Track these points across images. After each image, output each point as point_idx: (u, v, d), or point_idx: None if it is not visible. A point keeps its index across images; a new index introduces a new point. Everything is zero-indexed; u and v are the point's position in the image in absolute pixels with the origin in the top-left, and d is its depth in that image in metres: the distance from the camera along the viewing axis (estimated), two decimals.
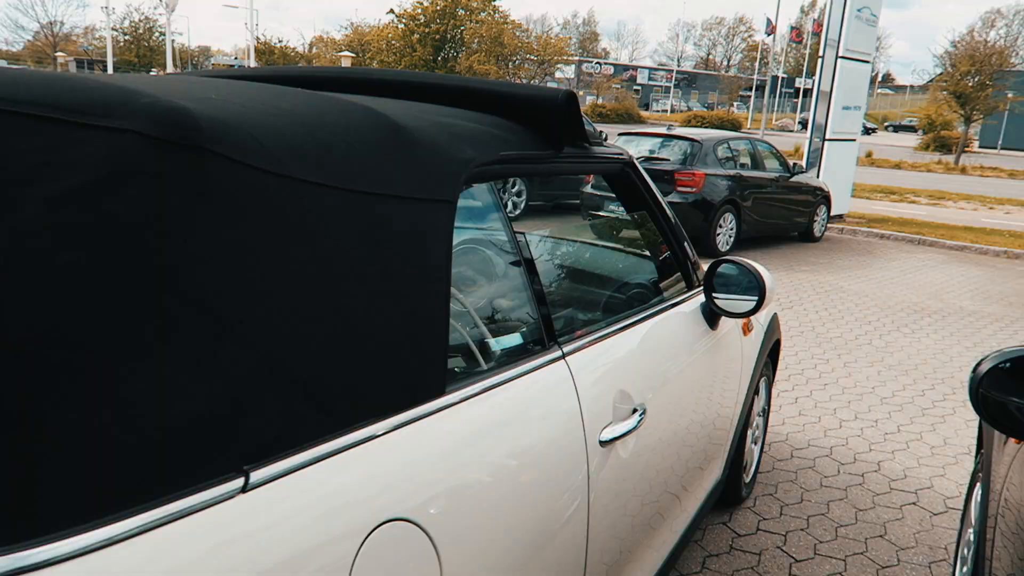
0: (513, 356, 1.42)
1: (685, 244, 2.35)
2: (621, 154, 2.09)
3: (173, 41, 49.63)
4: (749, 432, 3.02)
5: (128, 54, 49.13)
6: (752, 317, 2.61)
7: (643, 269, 2.41)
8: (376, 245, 1.11)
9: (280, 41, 54.89)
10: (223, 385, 0.86)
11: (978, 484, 2.33)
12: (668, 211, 2.30)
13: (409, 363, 1.13)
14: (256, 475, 0.88)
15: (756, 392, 2.99)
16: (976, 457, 2.55)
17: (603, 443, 1.51)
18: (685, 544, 2.28)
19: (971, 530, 2.31)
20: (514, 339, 1.45)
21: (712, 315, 2.30)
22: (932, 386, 4.85)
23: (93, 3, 33.84)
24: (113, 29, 48.31)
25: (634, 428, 1.61)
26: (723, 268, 2.26)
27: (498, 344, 1.43)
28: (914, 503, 3.24)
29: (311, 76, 1.88)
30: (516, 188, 10.51)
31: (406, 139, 1.26)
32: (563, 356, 1.51)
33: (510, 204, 10.69)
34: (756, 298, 2.18)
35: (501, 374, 1.33)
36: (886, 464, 3.62)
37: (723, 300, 2.22)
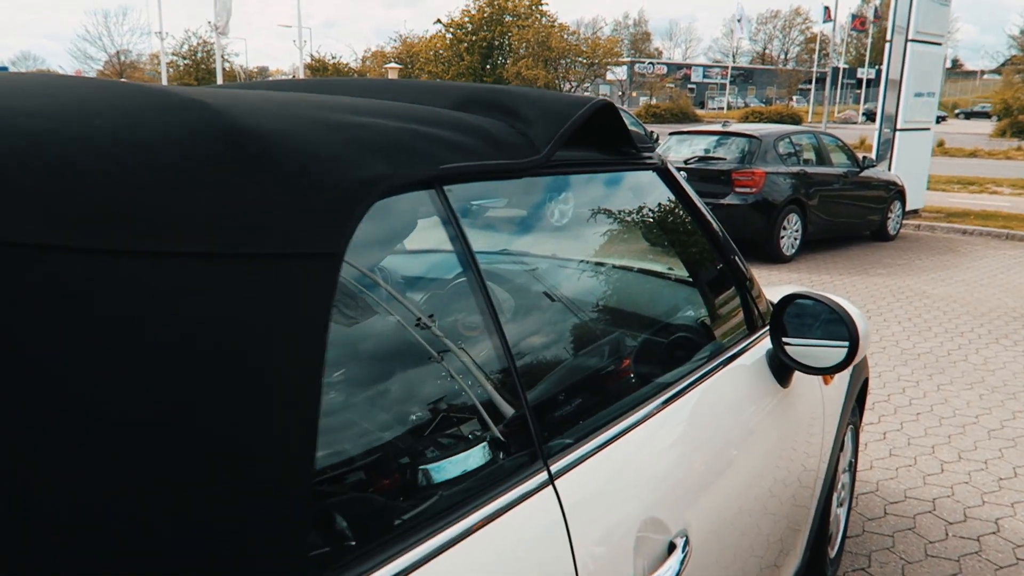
0: (453, 497, 0.87)
1: (742, 272, 1.77)
2: (650, 157, 1.54)
3: (231, 64, 50.76)
4: (834, 496, 2.40)
5: (188, 77, 50.39)
6: None
7: (682, 310, 1.82)
8: (157, 351, 0.59)
9: (333, 57, 55.62)
10: None
11: None
12: (719, 230, 1.73)
13: (223, 553, 0.61)
14: None
15: (841, 447, 2.37)
16: None
17: None
18: None
19: None
20: (458, 463, 0.90)
21: (782, 367, 1.71)
22: None
23: (163, 32, 34.63)
24: (172, 54, 49.66)
25: None
26: (796, 305, 1.67)
27: (427, 477, 0.88)
28: None
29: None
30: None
31: (252, 152, 0.74)
32: (550, 479, 0.96)
33: (556, 212, 10.03)
34: (846, 347, 1.59)
35: (424, 542, 0.78)
36: (1007, 523, 2.93)
37: (798, 349, 1.64)
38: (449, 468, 0.91)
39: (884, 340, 5.43)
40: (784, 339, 1.66)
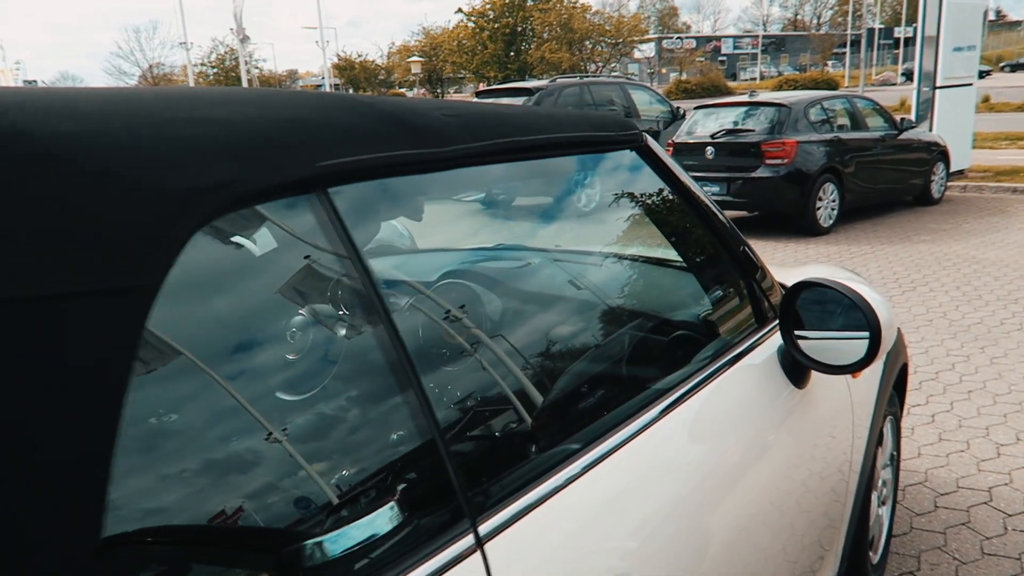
0: (352, 574, 0.69)
1: (748, 259, 1.55)
2: (626, 134, 1.34)
3: (260, 70, 51.39)
4: (874, 495, 2.17)
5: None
6: None
7: (671, 307, 1.60)
8: None
9: (360, 56, 55.97)
10: None
11: None
12: (717, 213, 1.52)
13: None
14: None
15: (879, 442, 2.14)
16: None
17: None
18: None
19: None
20: (360, 528, 0.72)
21: (796, 365, 1.49)
22: None
23: (188, 43, 35.18)
24: (201, 64, 50.41)
25: None
26: (812, 291, 1.45)
27: (319, 549, 0.70)
28: None
29: None
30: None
31: (24, 161, 0.56)
32: (478, 544, 0.77)
33: (583, 197, 9.64)
34: (867, 339, 1.37)
35: None
36: None
37: (812, 344, 1.42)
38: (349, 534, 0.73)
39: (931, 311, 5.11)
40: (797, 333, 1.44)
